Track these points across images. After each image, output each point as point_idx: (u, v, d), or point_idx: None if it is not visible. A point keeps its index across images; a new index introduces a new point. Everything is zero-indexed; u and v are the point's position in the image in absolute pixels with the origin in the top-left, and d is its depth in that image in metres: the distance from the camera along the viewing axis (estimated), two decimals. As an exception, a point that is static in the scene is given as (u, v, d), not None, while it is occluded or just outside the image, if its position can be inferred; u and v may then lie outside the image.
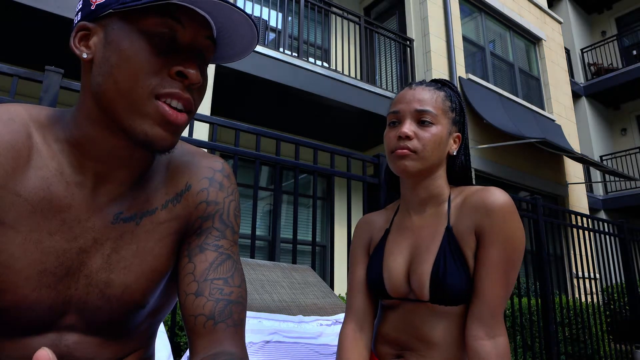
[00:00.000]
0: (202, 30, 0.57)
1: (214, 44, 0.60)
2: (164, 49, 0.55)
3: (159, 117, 0.54)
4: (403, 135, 0.94)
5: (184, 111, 0.56)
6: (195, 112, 0.61)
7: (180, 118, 0.55)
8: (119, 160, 0.58)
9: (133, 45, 0.54)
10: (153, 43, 0.54)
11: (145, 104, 0.54)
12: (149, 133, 0.54)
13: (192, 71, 0.55)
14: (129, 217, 0.61)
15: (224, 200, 0.69)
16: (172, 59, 0.55)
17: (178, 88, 0.55)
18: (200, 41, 0.58)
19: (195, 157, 0.70)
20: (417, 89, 0.99)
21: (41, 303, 0.55)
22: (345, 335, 1.03)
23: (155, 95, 0.54)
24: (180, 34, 0.56)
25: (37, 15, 3.63)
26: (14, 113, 0.59)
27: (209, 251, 0.64)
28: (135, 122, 0.54)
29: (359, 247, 1.10)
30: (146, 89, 0.53)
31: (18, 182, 0.55)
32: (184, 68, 0.54)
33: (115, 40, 0.55)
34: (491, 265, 0.87)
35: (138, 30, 0.54)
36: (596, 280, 4.51)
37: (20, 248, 0.54)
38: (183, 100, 0.55)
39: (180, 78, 0.55)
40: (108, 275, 0.59)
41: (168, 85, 0.54)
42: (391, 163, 0.98)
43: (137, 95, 0.53)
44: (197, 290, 0.61)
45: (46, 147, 0.58)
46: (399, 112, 0.98)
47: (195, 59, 0.56)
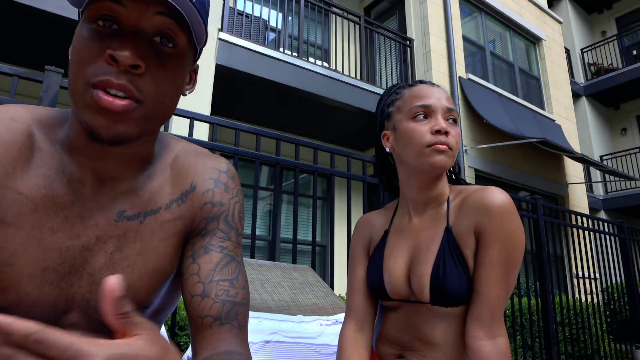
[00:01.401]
0: (150, 7, 0.53)
1: (174, 21, 0.55)
2: (102, 34, 0.53)
3: (95, 104, 0.51)
4: (443, 130, 0.92)
5: (126, 97, 0.52)
6: (158, 102, 0.56)
7: (117, 104, 0.51)
8: (113, 157, 0.58)
9: (78, 37, 0.54)
10: (92, 30, 0.53)
11: (84, 93, 0.52)
12: (89, 122, 0.52)
13: (123, 53, 0.51)
14: (132, 216, 0.61)
15: (229, 201, 0.69)
16: (109, 43, 0.52)
17: (111, 74, 0.51)
18: (149, 20, 0.54)
19: (200, 157, 0.70)
20: (437, 87, 0.99)
21: (44, 301, 0.55)
22: (345, 336, 1.03)
23: (91, 84, 0.52)
24: (122, 16, 0.53)
25: (37, 15, 3.63)
26: (15, 113, 0.59)
27: (214, 252, 0.64)
28: (81, 113, 0.53)
29: (358, 247, 1.10)
30: (83, 78, 0.52)
31: (19, 180, 0.55)
32: (113, 51, 0.51)
33: (74, 37, 0.56)
34: (491, 265, 0.87)
35: (85, 20, 0.54)
36: (596, 280, 4.51)
37: (23, 246, 0.54)
38: (116, 86, 0.51)
39: (115, 63, 0.51)
40: (111, 273, 0.59)
41: (101, 72, 0.51)
42: (425, 157, 0.92)
43: (78, 86, 0.53)
44: (203, 292, 0.61)
45: (47, 146, 0.58)
46: (431, 105, 0.95)
47: (135, 40, 0.52)
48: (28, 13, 3.63)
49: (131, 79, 0.52)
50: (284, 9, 5.57)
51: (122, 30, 0.53)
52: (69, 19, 3.68)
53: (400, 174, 1.03)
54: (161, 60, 0.55)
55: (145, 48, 0.53)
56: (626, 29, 12.08)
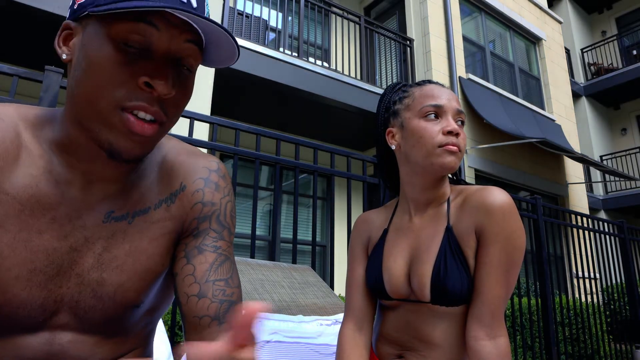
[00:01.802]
0: (182, 33, 0.54)
1: (198, 48, 0.56)
2: (133, 57, 0.52)
3: (124, 128, 0.52)
4: (455, 131, 0.92)
5: (154, 122, 0.54)
6: (174, 122, 0.58)
7: (147, 129, 0.53)
8: (103, 161, 0.58)
9: (101, 52, 0.52)
10: (122, 51, 0.52)
11: (110, 115, 0.52)
12: (113, 144, 0.53)
13: (160, 82, 0.52)
14: (120, 216, 0.61)
15: (221, 201, 0.68)
16: (141, 68, 0.52)
17: (145, 100, 0.52)
18: (179, 46, 0.54)
19: (190, 156, 0.69)
20: (447, 89, 0.99)
21: (32, 302, 0.55)
22: (345, 335, 1.03)
23: (121, 107, 0.52)
24: (155, 39, 0.53)
25: (37, 15, 3.63)
26: (3, 112, 0.58)
27: (208, 252, 0.64)
28: (101, 131, 0.53)
29: (357, 246, 1.10)
30: (111, 100, 0.52)
31: (6, 180, 0.55)
32: (151, 79, 0.52)
33: (87, 44, 0.53)
34: (491, 265, 0.87)
35: (109, 35, 0.52)
36: (596, 280, 4.51)
37: (9, 247, 0.54)
38: (150, 112, 0.53)
39: (149, 89, 0.52)
40: (100, 274, 0.59)
41: (134, 97, 0.52)
42: (436, 157, 0.92)
43: (102, 106, 0.52)
44: (200, 292, 0.61)
45: (35, 146, 0.58)
46: (442, 106, 0.95)
47: (167, 67, 0.53)
48: (28, 13, 3.63)
49: (162, 104, 0.54)
50: (284, 9, 5.57)
51: (151, 52, 0.53)
52: (69, 19, 3.67)
53: (404, 172, 1.02)
54: (182, 84, 0.57)
55: (175, 75, 0.55)
56: (626, 29, 12.08)
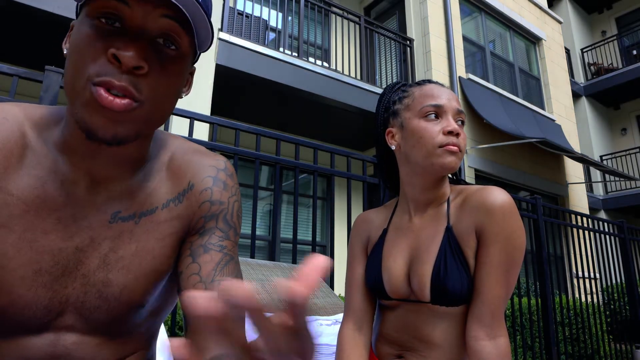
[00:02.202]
0: (157, 8, 0.52)
1: (179, 24, 0.54)
2: (106, 33, 0.52)
3: (94, 102, 0.50)
4: (455, 131, 0.92)
5: (126, 97, 0.51)
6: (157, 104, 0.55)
7: (117, 103, 0.50)
8: (105, 157, 0.57)
9: (80, 33, 0.52)
10: (95, 28, 0.52)
11: (83, 91, 0.51)
12: (87, 121, 0.51)
13: (126, 54, 0.50)
14: (127, 217, 0.61)
15: (229, 200, 0.68)
16: (112, 42, 0.51)
17: (112, 75, 0.50)
18: (155, 22, 0.53)
19: (197, 155, 0.69)
20: (446, 88, 0.99)
21: (37, 303, 0.55)
22: (344, 336, 1.03)
23: (91, 82, 0.51)
24: (127, 15, 0.52)
25: (37, 15, 3.63)
26: (8, 112, 0.58)
27: (214, 251, 0.63)
28: (78, 111, 0.52)
29: (357, 246, 1.09)
30: (84, 76, 0.51)
31: (11, 181, 0.55)
32: (117, 50, 0.50)
33: (74, 32, 0.54)
34: (491, 265, 0.87)
35: (87, 16, 0.53)
36: (596, 280, 4.51)
37: (14, 247, 0.53)
38: (117, 88, 0.50)
39: (118, 62, 0.51)
40: (106, 275, 0.58)
41: (103, 72, 0.50)
42: (436, 157, 0.92)
43: (76, 83, 0.51)
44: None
45: (40, 146, 0.58)
46: (442, 106, 0.95)
47: (139, 41, 0.51)
48: (28, 13, 3.63)
49: (133, 80, 0.51)
50: (284, 9, 5.57)
51: (125, 29, 0.52)
52: (69, 19, 3.67)
53: (403, 172, 1.02)
54: (163, 63, 0.54)
55: (148, 49, 0.53)
56: (626, 29, 12.08)
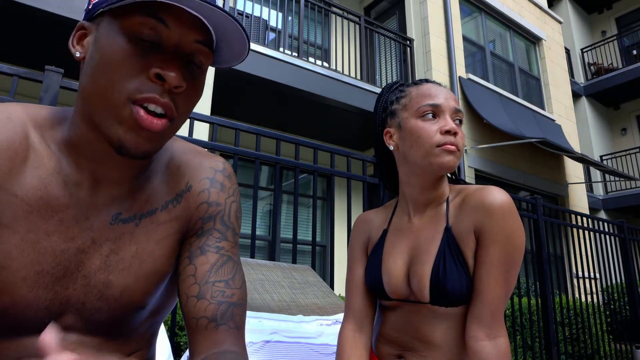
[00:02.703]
0: (192, 32, 0.54)
1: (207, 48, 0.57)
2: (144, 50, 0.53)
3: (133, 122, 0.52)
4: (453, 130, 0.92)
5: (164, 116, 0.53)
6: (183, 119, 0.58)
7: (156, 124, 0.52)
8: (112, 161, 0.58)
9: (114, 45, 0.52)
10: (134, 44, 0.52)
11: (121, 108, 0.52)
12: (122, 138, 0.52)
13: (171, 74, 0.52)
14: (128, 218, 0.61)
15: (225, 201, 0.68)
16: (152, 60, 0.52)
17: (156, 92, 0.52)
18: (189, 44, 0.55)
19: (196, 156, 0.69)
20: (444, 87, 0.99)
21: (38, 303, 0.55)
22: (345, 336, 1.03)
23: (132, 100, 0.52)
24: (164, 35, 0.53)
25: (37, 15, 3.63)
26: (12, 112, 0.58)
27: (210, 253, 0.64)
28: (110, 126, 0.53)
29: (357, 246, 1.10)
30: (123, 92, 0.52)
31: (15, 182, 0.55)
32: (162, 70, 0.52)
33: (100, 39, 0.54)
34: (491, 265, 0.87)
35: (121, 29, 0.53)
36: (596, 280, 4.51)
37: (17, 248, 0.54)
38: (161, 104, 0.52)
39: (160, 81, 0.52)
40: (107, 276, 0.59)
41: (145, 89, 0.52)
42: (434, 157, 0.92)
43: (113, 98, 0.52)
44: (199, 293, 0.61)
45: (44, 147, 0.58)
46: (439, 106, 0.94)
47: (178, 61, 0.53)
48: (28, 13, 3.63)
49: (173, 98, 0.54)
50: (284, 9, 5.57)
51: (162, 47, 0.54)
52: (69, 19, 3.67)
53: (402, 173, 1.02)
54: (193, 80, 0.57)
55: (191, 71, 0.56)
56: (626, 29, 12.07)
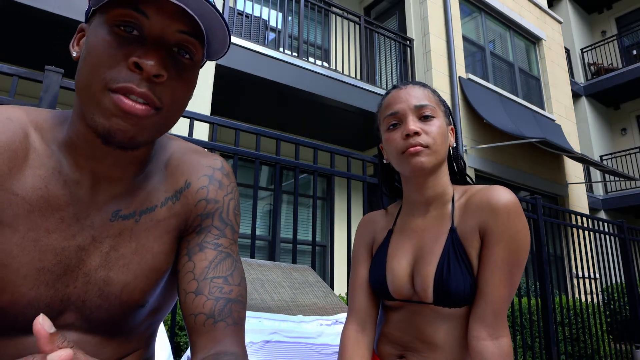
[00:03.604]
0: (174, 23, 0.54)
1: (194, 38, 0.56)
2: (125, 41, 0.53)
3: (114, 108, 0.52)
4: (411, 132, 0.92)
5: (145, 104, 0.53)
6: (173, 111, 0.57)
7: (137, 107, 0.52)
8: (111, 158, 0.58)
9: (96, 38, 0.53)
10: (114, 35, 0.53)
11: (100, 97, 0.52)
12: (105, 126, 0.52)
13: (149, 62, 0.51)
14: (128, 215, 0.61)
15: (224, 198, 0.69)
16: (132, 50, 0.53)
17: (133, 81, 0.52)
18: (172, 35, 0.55)
19: (194, 155, 0.70)
20: (407, 87, 0.99)
21: (39, 301, 0.55)
22: (348, 336, 1.03)
23: (109, 88, 0.52)
24: (146, 26, 0.54)
25: (37, 15, 3.63)
26: (12, 114, 0.59)
27: (209, 250, 0.64)
28: (94, 116, 0.53)
29: (361, 246, 1.10)
30: (101, 81, 0.52)
31: (15, 181, 0.55)
32: (139, 58, 0.51)
33: (89, 36, 0.55)
34: (495, 265, 0.86)
35: (105, 23, 0.54)
36: (596, 280, 4.51)
37: (18, 246, 0.54)
38: (137, 94, 0.52)
39: (138, 70, 0.52)
40: (107, 273, 0.59)
41: (123, 78, 0.52)
42: (404, 164, 0.94)
43: (94, 88, 0.52)
44: (197, 289, 0.61)
45: (44, 147, 0.58)
46: (398, 112, 0.95)
47: (159, 51, 0.53)
48: (28, 13, 3.63)
49: (152, 87, 0.53)
50: (284, 9, 5.57)
51: (144, 37, 0.54)
52: (69, 19, 3.67)
53: (401, 177, 1.05)
54: (179, 71, 0.56)
55: (167, 58, 0.55)
56: (626, 29, 12.08)
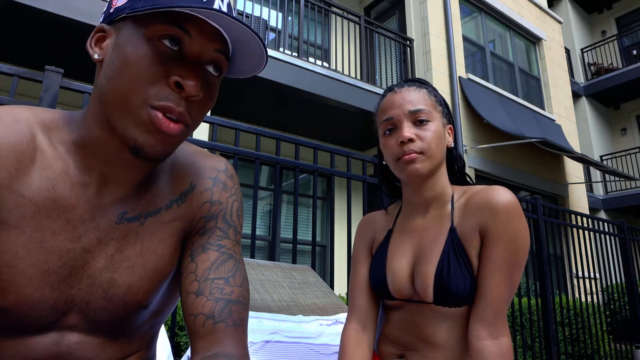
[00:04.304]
0: (212, 43, 0.56)
1: (226, 58, 0.59)
2: (166, 57, 0.54)
3: (151, 124, 0.53)
4: (405, 139, 0.92)
5: (179, 122, 0.55)
6: (196, 125, 0.59)
7: (172, 127, 0.54)
8: (124, 162, 0.59)
9: (136, 51, 0.54)
10: (156, 51, 0.54)
11: (139, 111, 0.53)
12: (139, 140, 0.54)
13: (190, 83, 0.53)
14: (133, 218, 0.62)
15: (227, 200, 0.70)
16: (173, 68, 0.54)
17: (173, 100, 0.54)
18: (209, 54, 0.56)
19: (199, 157, 0.71)
20: (402, 90, 0.98)
21: (44, 302, 0.56)
22: (348, 335, 1.03)
23: (149, 105, 0.53)
24: (187, 44, 0.55)
25: (37, 15, 3.63)
26: (20, 115, 0.59)
27: (211, 251, 0.65)
28: (127, 128, 0.54)
29: (361, 246, 1.10)
30: (141, 97, 0.53)
31: (22, 182, 0.56)
32: (182, 79, 0.53)
33: (122, 43, 0.55)
34: (495, 265, 0.87)
35: (145, 36, 0.54)
36: (596, 280, 4.51)
37: (24, 248, 0.54)
38: (176, 113, 0.54)
39: (178, 89, 0.54)
40: (111, 275, 0.60)
41: (163, 97, 0.53)
42: (399, 170, 0.95)
43: (132, 101, 0.53)
44: (198, 290, 0.61)
45: (51, 149, 0.59)
46: (393, 118, 0.96)
47: (197, 70, 0.55)
48: (28, 13, 3.63)
49: (188, 106, 0.55)
50: (284, 9, 5.57)
51: (183, 55, 0.55)
52: (69, 19, 3.67)
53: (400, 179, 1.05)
54: (209, 89, 0.58)
55: (209, 80, 0.57)
56: (626, 29, 12.08)
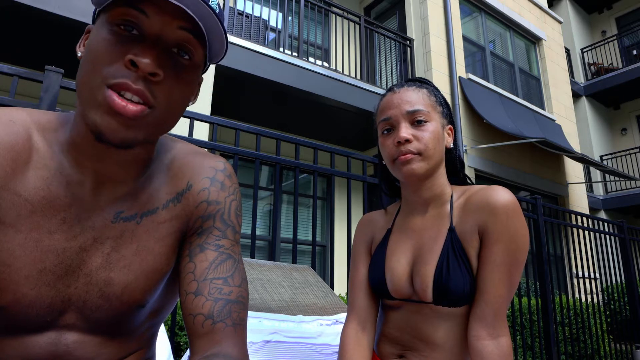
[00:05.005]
0: (174, 20, 0.55)
1: (194, 36, 0.57)
2: (124, 39, 0.53)
3: (107, 106, 0.52)
4: (402, 140, 0.92)
5: (140, 103, 0.53)
6: (170, 111, 0.57)
7: (130, 109, 0.52)
8: (114, 158, 0.58)
9: (97, 37, 0.54)
10: (114, 33, 0.54)
11: (96, 92, 0.52)
12: (97, 123, 0.52)
13: (144, 60, 0.52)
14: (129, 217, 0.62)
15: (225, 199, 0.69)
16: (129, 48, 0.53)
17: (129, 78, 0.52)
18: (172, 32, 0.55)
19: (197, 156, 0.70)
20: (401, 91, 0.98)
21: (41, 301, 0.56)
22: (348, 335, 1.03)
23: (106, 84, 0.52)
24: (145, 25, 0.54)
25: (37, 15, 3.63)
26: (15, 116, 0.59)
27: (210, 251, 0.64)
28: (89, 112, 0.53)
29: (360, 246, 1.10)
30: (98, 77, 0.52)
31: (18, 182, 0.56)
32: (135, 56, 0.52)
33: (91, 36, 0.56)
34: (494, 265, 0.87)
35: (106, 22, 0.55)
36: (596, 280, 4.51)
37: (21, 247, 0.54)
38: (133, 91, 0.52)
39: (134, 68, 0.52)
40: (108, 274, 0.59)
41: (119, 75, 0.52)
42: (396, 170, 0.95)
43: (92, 84, 0.53)
44: (197, 290, 0.61)
45: (47, 149, 0.59)
46: (390, 118, 0.96)
47: (156, 49, 0.53)
48: (28, 13, 3.63)
49: (148, 85, 0.53)
50: (284, 9, 5.57)
51: (143, 36, 0.54)
52: (69, 19, 3.67)
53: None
54: (177, 71, 0.56)
55: (164, 57, 0.55)
56: (626, 29, 12.07)
